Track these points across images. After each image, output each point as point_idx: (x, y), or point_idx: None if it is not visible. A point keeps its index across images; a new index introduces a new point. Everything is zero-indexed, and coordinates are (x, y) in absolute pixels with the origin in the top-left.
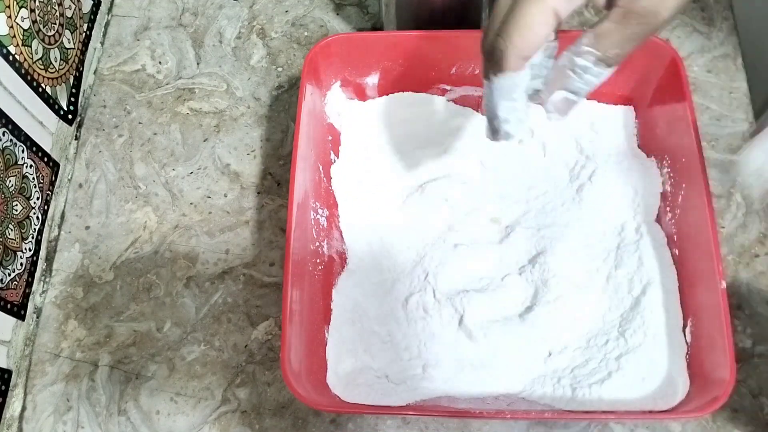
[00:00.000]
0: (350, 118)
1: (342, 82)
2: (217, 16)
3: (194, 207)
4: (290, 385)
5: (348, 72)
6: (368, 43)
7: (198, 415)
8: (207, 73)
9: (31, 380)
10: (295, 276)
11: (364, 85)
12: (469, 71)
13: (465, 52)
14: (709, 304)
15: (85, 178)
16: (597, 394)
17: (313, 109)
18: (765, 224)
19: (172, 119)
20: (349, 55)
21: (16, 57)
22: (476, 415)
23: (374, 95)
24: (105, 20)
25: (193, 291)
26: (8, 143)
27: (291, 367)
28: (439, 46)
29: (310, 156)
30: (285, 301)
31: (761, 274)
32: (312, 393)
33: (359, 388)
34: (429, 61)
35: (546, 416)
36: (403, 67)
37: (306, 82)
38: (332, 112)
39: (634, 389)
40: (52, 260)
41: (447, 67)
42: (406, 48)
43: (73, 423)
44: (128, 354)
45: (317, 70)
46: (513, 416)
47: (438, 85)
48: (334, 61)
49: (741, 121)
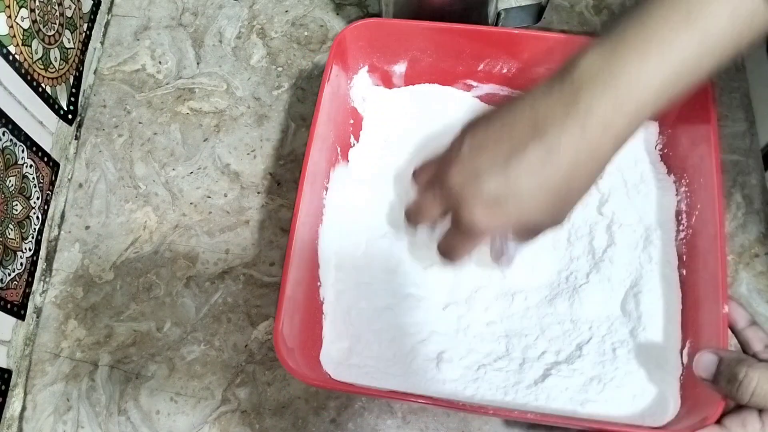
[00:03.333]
0: (375, 104)
1: (369, 68)
2: (217, 16)
3: (194, 207)
4: (281, 357)
5: (376, 58)
6: (399, 31)
7: (198, 414)
8: (207, 73)
9: (31, 380)
10: (298, 249)
11: (391, 73)
12: (497, 69)
13: (494, 50)
14: (709, 326)
15: (85, 177)
16: (588, 408)
17: (337, 91)
18: (765, 224)
19: (172, 119)
20: (378, 41)
21: (16, 57)
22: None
23: (400, 84)
24: (105, 20)
25: (193, 291)
26: (8, 143)
27: (284, 340)
28: (469, 41)
29: (329, 137)
30: (284, 276)
31: (761, 274)
32: (303, 368)
33: (351, 369)
34: (458, 55)
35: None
36: (431, 58)
37: (333, 63)
38: (357, 97)
39: (625, 406)
40: (52, 260)
41: (475, 63)
42: (436, 39)
43: (73, 423)
44: (128, 354)
45: (345, 52)
46: (506, 415)
47: (464, 80)
48: (363, 45)
49: (741, 121)
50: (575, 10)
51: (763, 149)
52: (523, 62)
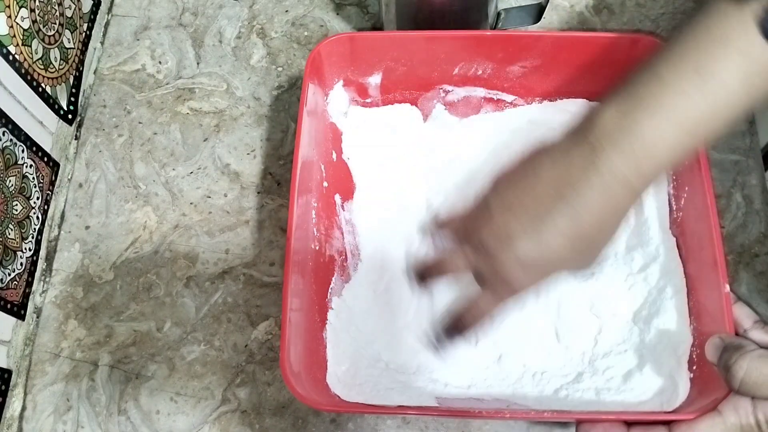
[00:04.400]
0: (351, 123)
1: (344, 82)
2: (217, 15)
3: (194, 207)
4: (290, 384)
5: (351, 72)
6: (371, 43)
7: (198, 414)
8: (207, 73)
9: (31, 380)
10: (295, 275)
11: (367, 85)
12: (472, 72)
13: (468, 53)
14: (712, 307)
15: (85, 177)
16: (597, 395)
17: (315, 108)
18: (765, 224)
19: (172, 119)
20: (351, 55)
21: (16, 57)
22: (476, 414)
23: (377, 95)
24: (105, 20)
25: (193, 291)
26: (8, 143)
27: (290, 366)
28: (441, 46)
29: (312, 155)
30: (285, 301)
31: (761, 274)
32: (312, 392)
33: (359, 388)
34: (432, 62)
35: (545, 416)
36: (406, 66)
37: (308, 82)
38: (335, 112)
39: (634, 392)
40: (52, 260)
41: (450, 68)
42: (408, 48)
43: (73, 423)
44: (128, 354)
45: (320, 69)
46: (512, 416)
47: (440, 86)
48: (336, 60)
49: (740, 120)
50: (575, 10)
51: (763, 149)
52: (497, 62)
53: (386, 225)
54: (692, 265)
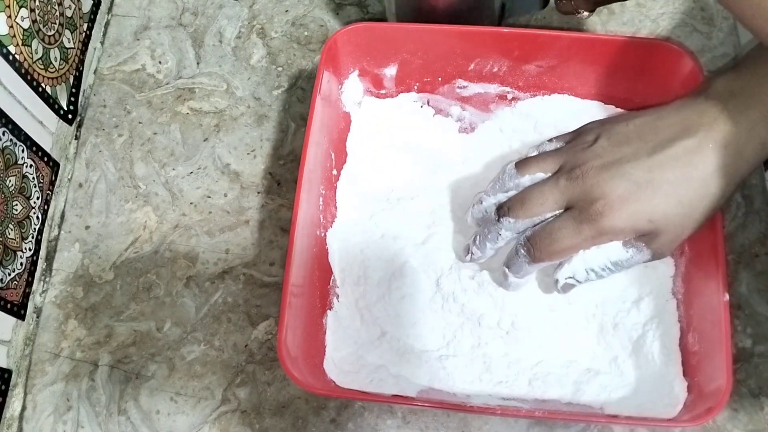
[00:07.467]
0: (362, 113)
1: (360, 72)
2: (217, 15)
3: (194, 207)
4: (285, 367)
5: (366, 62)
6: (388, 34)
7: (198, 414)
8: (207, 73)
9: (31, 380)
10: (297, 258)
11: (382, 76)
12: (488, 68)
13: (484, 49)
14: (710, 315)
15: (85, 177)
16: (595, 398)
17: (329, 96)
18: (765, 224)
19: (172, 119)
20: (368, 45)
21: (16, 57)
22: (472, 409)
23: (392, 86)
24: (105, 20)
25: (193, 291)
26: (8, 143)
27: (288, 350)
28: (458, 41)
29: (323, 142)
30: (285, 285)
31: (761, 274)
32: (308, 377)
33: (355, 376)
34: (448, 56)
35: (546, 416)
36: (421, 60)
37: (324, 69)
38: (349, 101)
39: (633, 396)
40: (52, 260)
41: (465, 63)
42: (425, 41)
43: (73, 423)
44: (128, 354)
45: (335, 57)
46: (512, 414)
47: (455, 80)
48: (352, 49)
49: None
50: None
51: None
52: (513, 60)
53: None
54: (692, 271)
